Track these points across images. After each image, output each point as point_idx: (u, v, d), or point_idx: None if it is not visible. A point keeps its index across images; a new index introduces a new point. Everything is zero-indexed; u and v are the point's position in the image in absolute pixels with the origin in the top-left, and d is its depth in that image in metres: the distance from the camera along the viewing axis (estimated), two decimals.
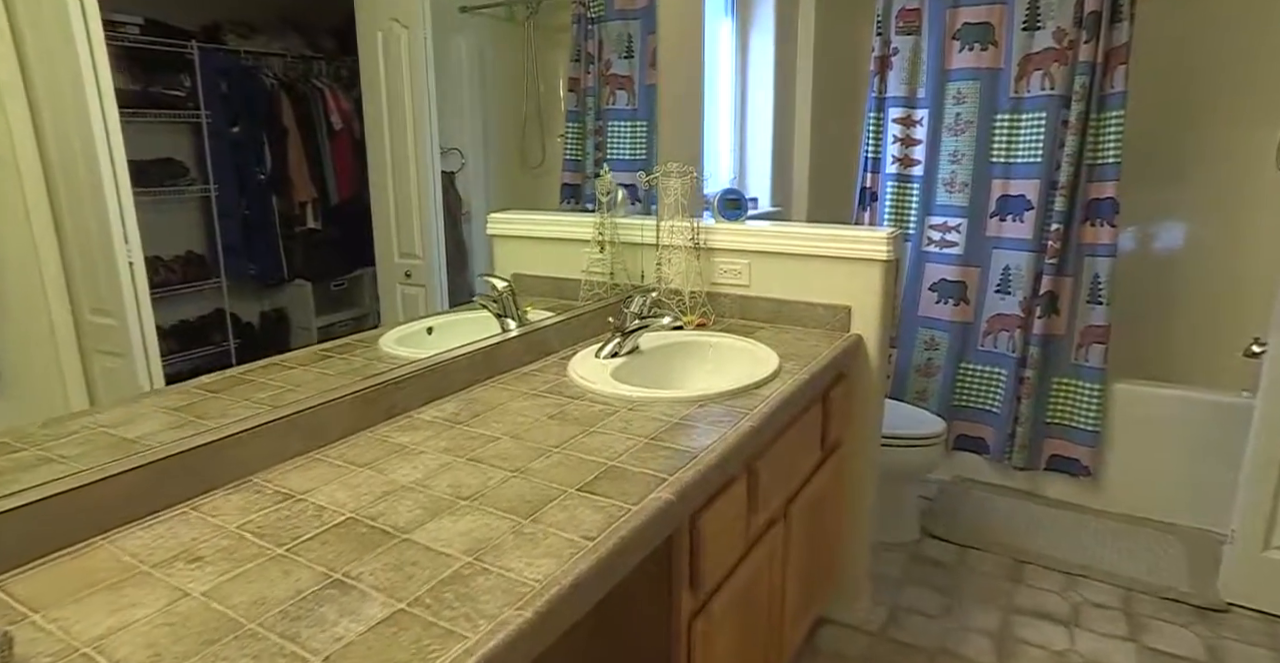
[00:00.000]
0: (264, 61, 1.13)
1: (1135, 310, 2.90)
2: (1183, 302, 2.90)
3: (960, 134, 2.64)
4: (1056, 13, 2.45)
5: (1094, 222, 2.51)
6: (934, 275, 2.76)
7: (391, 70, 1.33)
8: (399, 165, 1.37)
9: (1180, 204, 2.86)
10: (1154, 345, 2.96)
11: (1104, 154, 2.46)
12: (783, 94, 2.76)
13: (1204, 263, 2.87)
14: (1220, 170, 2.80)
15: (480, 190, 1.57)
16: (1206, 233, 2.83)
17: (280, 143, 1.17)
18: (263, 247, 1.16)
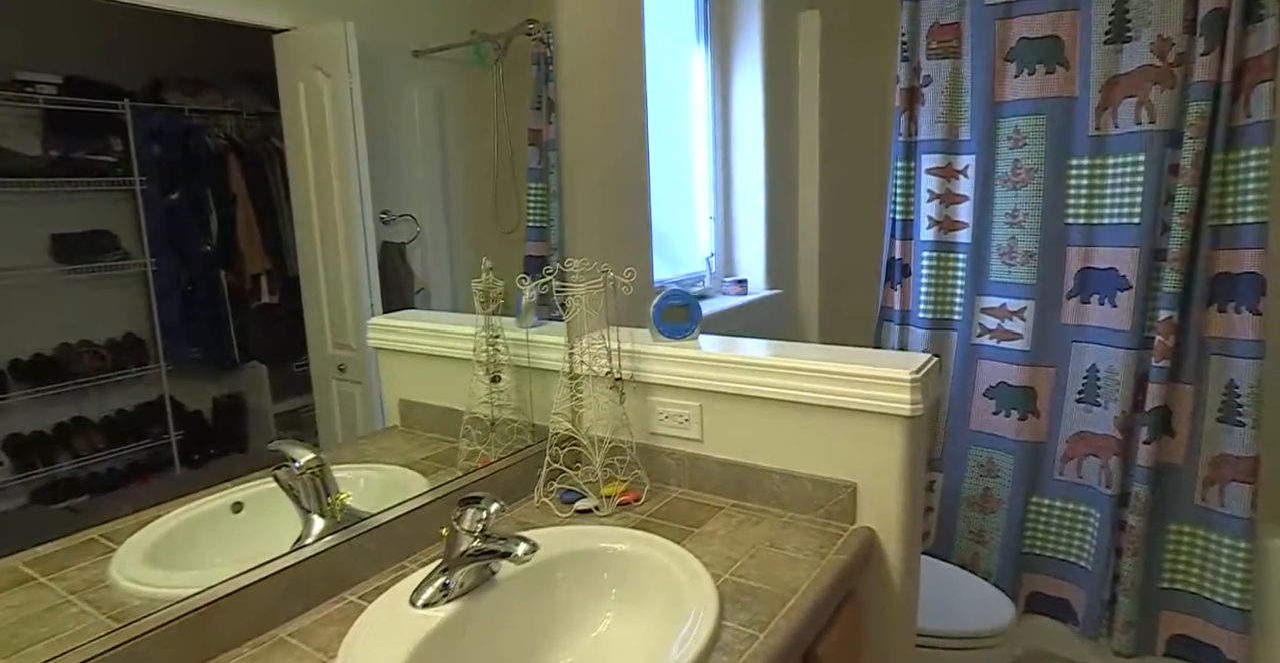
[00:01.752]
0: (212, 120, 1.04)
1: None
2: None
3: (1021, 187, 1.93)
4: (1156, 16, 1.74)
5: (1224, 307, 1.76)
6: (990, 377, 2.02)
7: (315, 126, 1.17)
8: (328, 237, 1.22)
9: None
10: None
11: (1239, 211, 1.72)
12: (779, 142, 2.09)
13: None
14: None
15: (442, 263, 1.35)
16: None
17: (228, 210, 1.07)
18: (210, 326, 1.06)
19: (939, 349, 2.09)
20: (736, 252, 2.05)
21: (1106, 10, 1.79)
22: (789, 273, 2.18)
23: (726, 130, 2.02)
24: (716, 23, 1.97)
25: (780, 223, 2.10)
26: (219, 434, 1.07)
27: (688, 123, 1.96)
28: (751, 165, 1.99)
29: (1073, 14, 1.84)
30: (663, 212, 1.89)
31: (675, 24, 1.86)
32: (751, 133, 1.98)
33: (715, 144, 1.99)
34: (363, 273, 1.32)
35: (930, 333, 2.07)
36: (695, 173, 2.00)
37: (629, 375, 1.27)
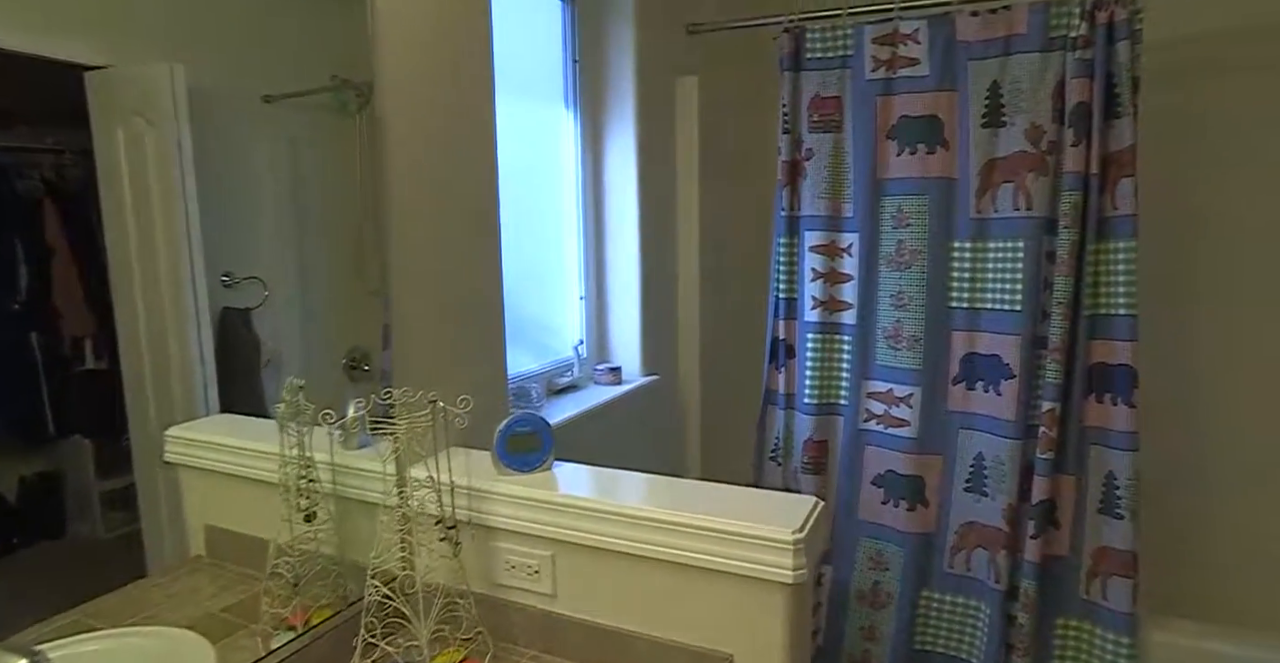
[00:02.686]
0: (24, 159, 0.89)
1: (1169, 516, 2.11)
2: (1230, 499, 2.15)
3: (905, 268, 1.86)
4: (1027, 103, 1.72)
5: (1102, 397, 1.73)
6: (879, 464, 1.93)
7: (136, 177, 1.02)
8: (152, 301, 1.07)
9: (1203, 365, 2.14)
10: (1204, 564, 2.18)
11: (1111, 302, 1.70)
12: (656, 214, 1.96)
13: (1251, 444, 2.14)
14: (1251, 314, 2.10)
15: (294, 329, 1.20)
16: (1250, 405, 2.10)
17: (43, 263, 0.92)
18: (17, 395, 0.91)
19: (826, 434, 1.99)
20: (610, 334, 1.89)
21: (983, 93, 1.77)
22: (668, 356, 2.03)
23: (599, 202, 1.87)
24: (587, 86, 1.82)
25: (658, 302, 1.96)
26: (27, 519, 0.95)
27: (557, 194, 1.80)
28: (625, 239, 1.84)
29: (951, 95, 1.80)
30: (525, 295, 1.71)
31: (538, 86, 1.70)
32: (625, 204, 1.84)
33: (586, 216, 1.83)
34: (193, 342, 1.16)
35: (816, 418, 1.97)
36: (565, 248, 1.82)
37: (467, 519, 1.06)
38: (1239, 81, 2.07)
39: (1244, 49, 2.06)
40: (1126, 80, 1.64)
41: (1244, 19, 2.05)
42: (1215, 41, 2.08)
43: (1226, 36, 2.08)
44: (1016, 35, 1.73)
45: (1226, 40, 2.08)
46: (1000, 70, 1.75)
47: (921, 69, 1.81)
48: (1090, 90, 1.65)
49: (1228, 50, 2.08)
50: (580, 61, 1.78)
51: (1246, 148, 2.08)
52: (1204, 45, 2.09)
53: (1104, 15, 1.64)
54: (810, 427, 1.97)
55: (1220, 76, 2.08)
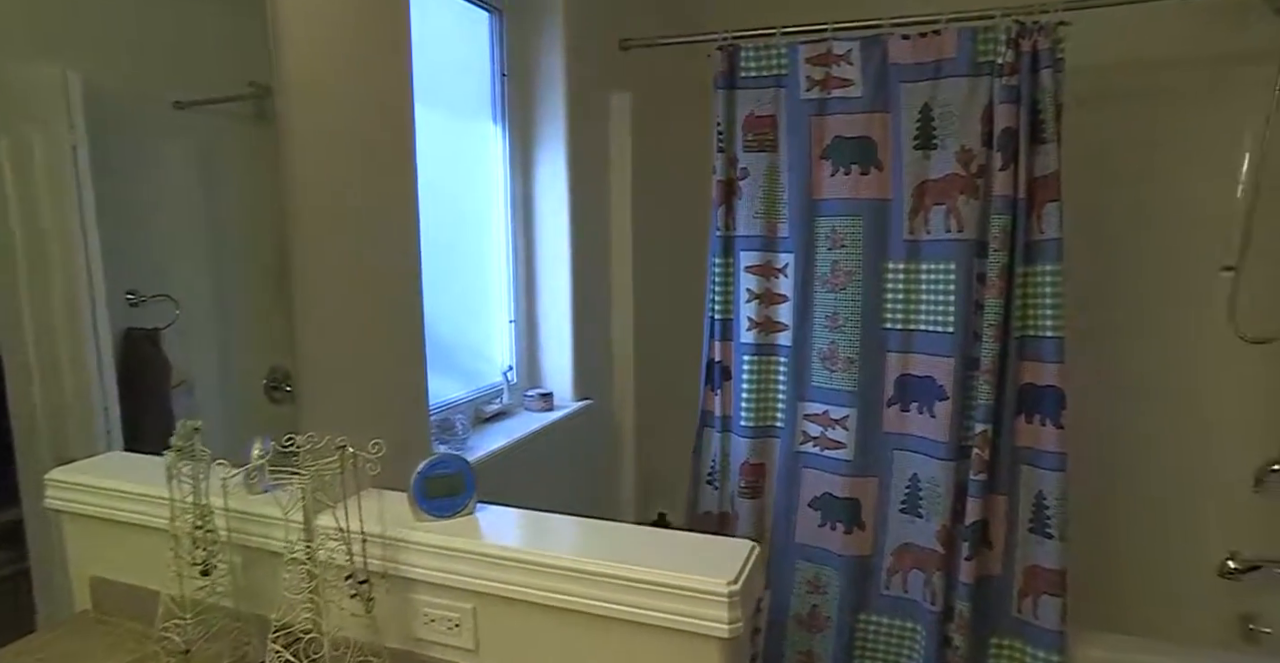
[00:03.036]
0: None
1: (1096, 531, 2.15)
2: (1149, 514, 2.21)
3: (840, 289, 1.86)
4: (958, 126, 1.74)
5: (1031, 417, 1.75)
6: (815, 487, 1.91)
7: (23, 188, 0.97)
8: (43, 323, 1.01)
9: (1130, 385, 2.20)
10: (1131, 575, 2.23)
11: (1039, 324, 1.72)
12: (589, 233, 1.90)
13: (1167, 456, 2.20)
14: (1173, 335, 2.18)
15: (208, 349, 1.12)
16: (1165, 426, 2.17)
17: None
18: None
19: (763, 457, 1.96)
20: (542, 359, 1.83)
21: (915, 116, 1.77)
22: (602, 379, 1.98)
23: (529, 221, 1.80)
24: (516, 101, 1.76)
25: (591, 324, 1.90)
26: None
27: (485, 212, 1.72)
28: (557, 260, 1.78)
29: (884, 116, 1.80)
30: (451, 319, 1.64)
31: (464, 100, 1.63)
32: (556, 224, 1.78)
33: (515, 236, 1.77)
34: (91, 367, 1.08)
35: (753, 441, 1.94)
36: (493, 270, 1.75)
37: (382, 570, 0.98)
38: (1141, 107, 2.14)
39: (1145, 77, 2.14)
40: (1050, 107, 1.67)
41: (1143, 51, 2.12)
42: (1125, 70, 2.15)
43: (1133, 66, 2.15)
44: (946, 59, 1.74)
45: (1133, 69, 2.15)
46: (931, 93, 1.76)
47: (855, 90, 1.81)
48: (1017, 116, 1.67)
49: (1132, 79, 2.15)
50: (508, 75, 1.72)
51: (1152, 170, 2.15)
52: (1116, 74, 2.16)
53: (1028, 43, 1.67)
54: (747, 450, 1.94)
55: (1129, 103, 2.15)
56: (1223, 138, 2.12)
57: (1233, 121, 2.10)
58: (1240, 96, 2.06)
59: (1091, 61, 2.10)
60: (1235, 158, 2.11)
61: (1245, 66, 2.03)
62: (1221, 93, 2.09)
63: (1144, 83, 2.16)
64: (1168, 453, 2.19)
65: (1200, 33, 2.08)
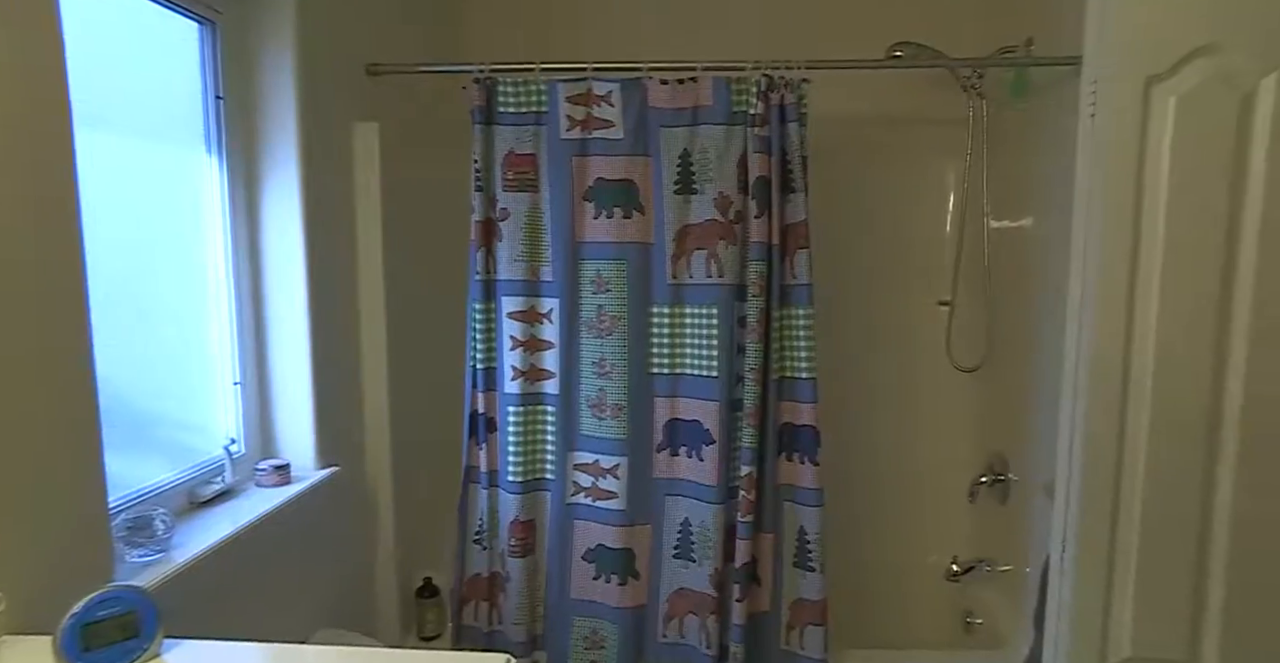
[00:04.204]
0: None
1: (841, 552, 2.28)
2: (884, 530, 2.41)
3: (607, 335, 1.81)
4: (715, 172, 1.77)
5: (791, 456, 1.82)
6: (588, 539, 1.85)
7: None
8: None
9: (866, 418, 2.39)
10: (874, 588, 2.40)
11: (795, 365, 1.80)
12: (332, 279, 1.69)
13: (896, 477, 2.42)
14: (901, 365, 2.40)
15: None
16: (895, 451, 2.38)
17: None
18: None
19: (533, 513, 1.86)
20: (277, 425, 1.58)
21: (675, 161, 1.78)
22: (352, 442, 1.76)
23: (256, 268, 1.54)
24: (237, 127, 1.51)
25: (336, 381, 1.68)
26: None
27: (197, 259, 1.45)
28: (291, 310, 1.54)
29: (646, 160, 1.79)
30: (154, 386, 1.35)
31: (165, 125, 1.36)
32: (290, 270, 1.54)
33: (239, 286, 1.50)
34: None
35: (522, 496, 1.83)
36: (211, 326, 1.47)
37: None
38: (873, 160, 2.36)
39: (876, 133, 2.36)
40: (798, 158, 1.75)
41: (875, 110, 2.34)
42: (861, 125, 2.36)
43: (865, 123, 2.36)
44: (703, 107, 1.77)
45: (866, 126, 2.36)
46: (690, 139, 1.78)
47: (616, 132, 1.78)
48: (769, 165, 1.74)
49: (866, 134, 2.36)
50: (224, 98, 1.47)
51: (881, 215, 2.38)
52: (853, 128, 2.36)
53: (776, 97, 1.74)
54: (516, 505, 1.83)
55: (864, 155, 2.36)
56: (937, 188, 2.39)
57: (943, 175, 2.37)
58: (947, 154, 2.33)
59: (834, 115, 2.27)
60: (946, 207, 2.38)
61: (949, 128, 2.30)
62: (933, 149, 2.36)
63: (876, 138, 2.38)
64: (896, 474, 2.42)
65: (916, 99, 2.34)
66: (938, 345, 2.33)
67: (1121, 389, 1.25)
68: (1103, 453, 1.27)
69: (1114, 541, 1.28)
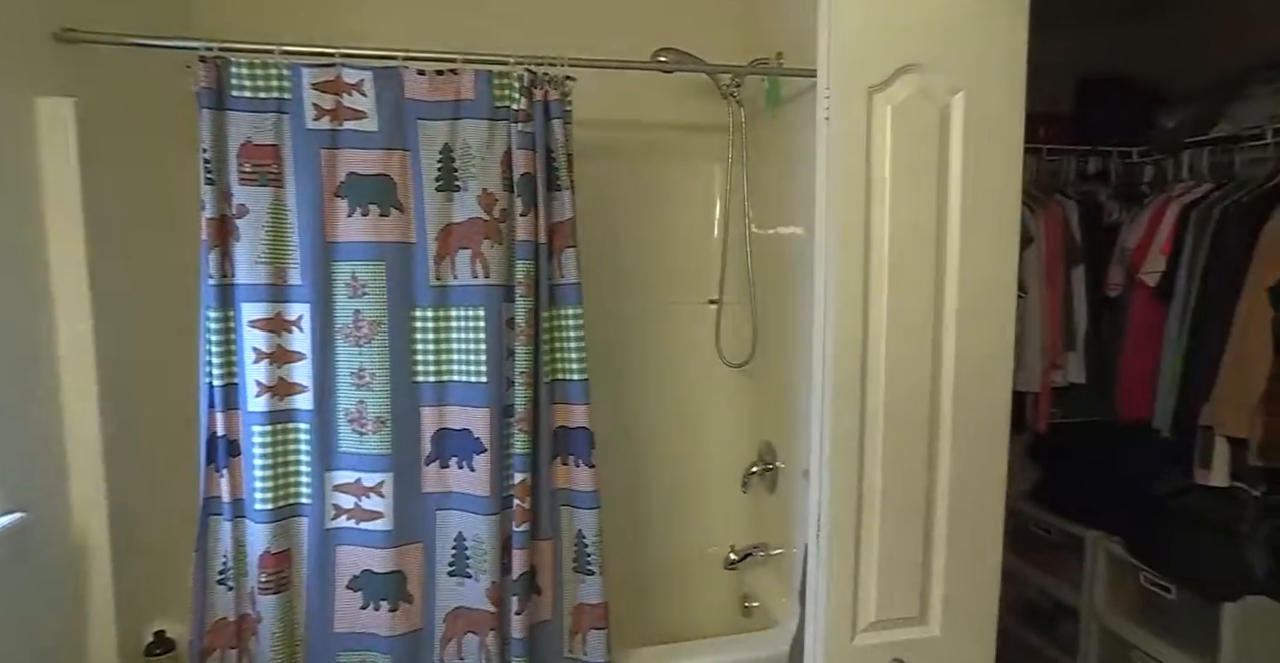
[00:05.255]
0: None
1: (623, 551, 2.30)
2: (663, 524, 2.45)
3: (365, 342, 1.68)
4: (479, 169, 1.70)
5: (567, 459, 1.79)
6: (353, 565, 1.69)
7: None
8: None
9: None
10: (656, 584, 2.43)
11: (566, 367, 1.77)
12: (6, 289, 1.40)
13: (674, 471, 2.48)
14: (675, 363, 2.46)
15: None
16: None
17: None
18: None
19: (287, 543, 1.67)
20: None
21: (435, 156, 1.69)
22: (46, 481, 1.47)
23: None
24: None
25: (21, 412, 1.40)
26: None
27: None
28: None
29: (403, 155, 1.68)
30: None
31: None
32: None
33: None
34: None
35: (273, 525, 1.64)
36: None
37: None
38: (643, 162, 2.42)
39: (644, 136, 2.42)
40: (563, 156, 1.73)
41: (642, 113, 2.40)
42: (629, 128, 2.40)
43: (634, 125, 2.41)
44: (465, 101, 1.70)
45: (635, 128, 2.41)
46: (451, 134, 1.69)
47: (370, 124, 1.66)
48: (534, 162, 1.70)
49: (634, 136, 2.41)
50: None
51: (653, 217, 2.44)
52: (621, 130, 2.39)
53: (540, 93, 1.71)
54: (267, 536, 1.63)
55: (633, 157, 2.41)
56: (704, 193, 2.48)
57: (710, 180, 2.48)
58: (714, 159, 2.43)
59: (603, 116, 2.28)
60: (715, 210, 2.48)
61: (715, 135, 2.40)
62: (701, 155, 2.45)
63: (644, 140, 2.43)
64: (674, 469, 2.49)
65: (683, 104, 2.42)
66: (709, 343, 2.42)
67: (860, 382, 1.35)
68: (847, 442, 1.35)
69: (859, 521, 1.38)
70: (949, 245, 1.34)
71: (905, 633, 1.43)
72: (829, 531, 1.37)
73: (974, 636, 1.47)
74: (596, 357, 1.82)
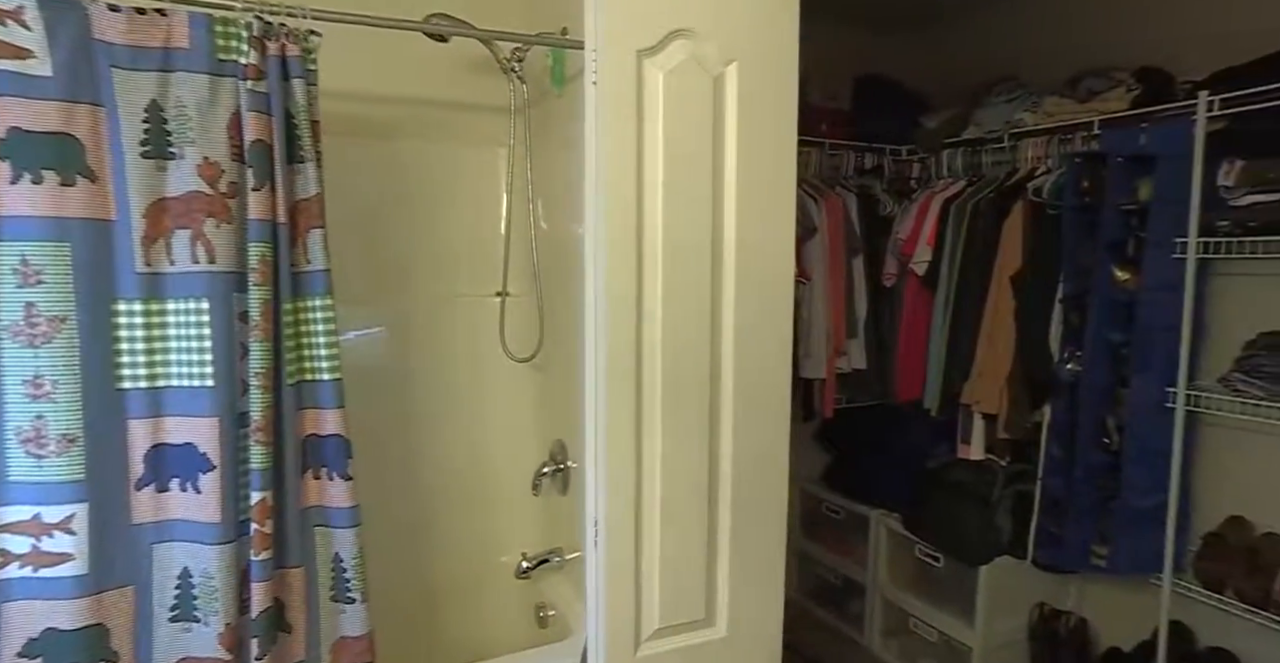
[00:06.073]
0: None
1: (402, 570, 2.07)
2: (451, 536, 2.25)
3: (45, 343, 1.33)
4: (198, 133, 1.42)
5: (319, 473, 1.55)
6: (28, 626, 1.34)
7: None
8: None
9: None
10: (446, 601, 2.21)
11: (314, 366, 1.53)
12: None
13: (461, 478, 2.28)
14: (460, 359, 2.27)
15: None
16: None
17: None
18: None
19: None
20: None
21: (140, 114, 1.38)
22: None
23: None
24: None
25: None
26: None
27: None
28: None
29: (94, 110, 1.36)
30: None
31: None
32: None
33: None
34: None
35: None
36: None
37: None
38: (417, 141, 2.20)
39: (419, 113, 2.21)
40: (306, 123, 1.48)
41: (415, 88, 2.18)
42: (404, 104, 2.17)
43: (408, 101, 2.18)
44: (177, 49, 1.41)
45: (409, 104, 2.18)
46: (161, 88, 1.40)
47: (40, 66, 1.32)
48: (269, 128, 1.44)
49: (408, 112, 2.19)
50: None
51: (436, 202, 2.23)
52: (397, 106, 2.16)
53: (275, 46, 1.45)
54: None
55: (407, 135, 2.18)
56: (490, 178, 2.30)
57: (496, 164, 2.30)
58: (497, 141, 2.26)
59: (374, 90, 2.04)
60: (499, 194, 2.31)
61: (499, 115, 2.23)
62: (485, 134, 2.27)
63: (426, 118, 2.21)
64: (460, 473, 2.30)
65: (464, 79, 2.22)
66: (493, 336, 2.25)
67: (635, 370, 1.25)
68: (622, 437, 1.25)
69: (639, 522, 1.28)
70: (726, 220, 1.27)
71: (692, 637, 1.35)
72: (605, 535, 1.25)
73: (761, 631, 1.42)
74: (367, 354, 1.60)
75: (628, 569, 1.28)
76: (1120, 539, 2.11)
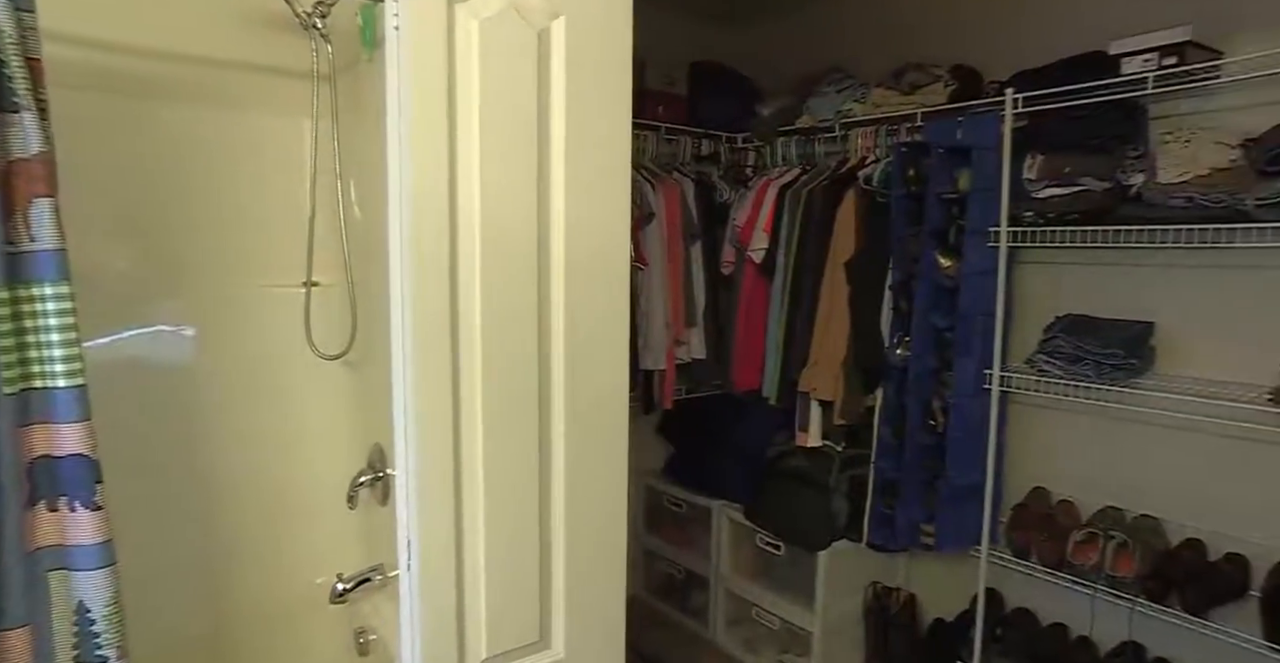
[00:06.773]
0: None
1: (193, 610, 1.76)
2: (254, 563, 1.95)
3: None
4: None
5: (55, 503, 1.24)
6: None
7: None
8: None
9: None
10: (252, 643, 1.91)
11: (46, 371, 1.22)
12: None
13: (263, 497, 1.99)
14: (260, 358, 1.97)
15: None
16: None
17: None
18: None
19: None
20: None
21: None
22: None
23: None
24: None
25: None
26: None
27: None
28: None
29: None
30: None
31: None
32: None
33: None
34: None
35: None
36: None
37: None
38: (204, 106, 1.89)
39: (205, 76, 1.89)
40: (18, 60, 1.17)
41: (202, 47, 1.87)
42: (189, 64, 1.84)
43: (195, 62, 1.86)
44: None
45: (195, 65, 1.86)
46: None
47: None
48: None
49: (195, 74, 1.87)
50: None
51: (225, 177, 1.93)
52: (184, 67, 1.83)
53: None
54: None
55: (195, 98, 1.86)
56: (295, 149, 2.02)
57: (299, 134, 2.02)
58: (302, 111, 1.98)
59: (155, 45, 1.71)
60: (305, 174, 2.03)
61: (303, 81, 1.95)
62: (288, 103, 1.98)
63: (215, 80, 1.90)
64: (263, 487, 2.01)
65: (257, 35, 1.92)
66: (298, 331, 1.97)
67: (452, 363, 1.08)
68: (438, 444, 1.08)
69: (460, 541, 1.11)
70: (554, 193, 1.12)
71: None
72: (420, 554, 1.08)
73: (603, 646, 1.30)
74: (145, 356, 1.30)
75: (447, 593, 1.12)
76: (944, 517, 2.20)
